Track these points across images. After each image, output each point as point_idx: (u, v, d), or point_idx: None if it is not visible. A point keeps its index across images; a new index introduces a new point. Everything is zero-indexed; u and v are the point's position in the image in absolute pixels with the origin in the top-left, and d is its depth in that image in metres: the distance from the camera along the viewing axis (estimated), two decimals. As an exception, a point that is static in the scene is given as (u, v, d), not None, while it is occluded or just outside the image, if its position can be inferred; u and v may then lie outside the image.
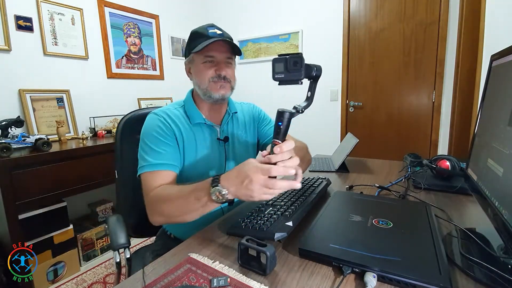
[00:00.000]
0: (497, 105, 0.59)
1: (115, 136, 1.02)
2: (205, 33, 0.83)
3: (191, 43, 0.86)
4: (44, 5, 1.86)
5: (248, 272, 0.52)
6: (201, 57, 0.85)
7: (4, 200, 1.38)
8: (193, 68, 0.89)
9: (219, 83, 0.85)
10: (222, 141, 0.92)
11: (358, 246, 0.54)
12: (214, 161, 0.91)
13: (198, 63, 0.86)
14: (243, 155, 0.97)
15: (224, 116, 0.95)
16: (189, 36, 0.88)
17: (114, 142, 1.04)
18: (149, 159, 0.78)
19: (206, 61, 0.85)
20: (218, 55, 0.84)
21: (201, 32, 0.84)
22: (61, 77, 1.98)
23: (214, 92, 0.85)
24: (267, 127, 1.03)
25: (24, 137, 1.56)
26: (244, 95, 3.02)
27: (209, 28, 0.85)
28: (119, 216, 0.90)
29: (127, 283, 0.51)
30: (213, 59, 0.85)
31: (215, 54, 0.84)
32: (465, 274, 0.49)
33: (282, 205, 0.73)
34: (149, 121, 0.85)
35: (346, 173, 1.19)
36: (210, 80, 0.85)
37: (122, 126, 1.00)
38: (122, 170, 1.00)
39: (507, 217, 0.46)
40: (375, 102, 2.46)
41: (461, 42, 1.75)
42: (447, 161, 0.96)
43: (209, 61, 0.85)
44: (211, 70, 0.85)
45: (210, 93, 0.85)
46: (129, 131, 1.00)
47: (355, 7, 2.42)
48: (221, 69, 0.85)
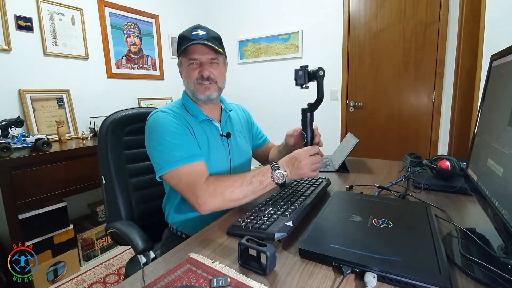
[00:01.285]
0: (497, 105, 0.59)
1: (99, 138, 0.98)
2: (189, 36, 0.86)
3: (178, 47, 0.90)
4: (44, 5, 1.86)
5: (248, 272, 0.52)
6: (186, 60, 0.88)
7: (4, 200, 1.38)
8: (182, 70, 0.93)
9: (203, 85, 0.88)
10: (225, 137, 0.95)
11: (358, 246, 0.54)
12: (222, 155, 0.93)
13: (184, 65, 0.90)
14: (244, 150, 1.01)
15: (222, 114, 0.99)
16: (177, 40, 0.91)
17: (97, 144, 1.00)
18: (180, 153, 0.78)
19: (191, 63, 0.88)
20: (201, 57, 0.87)
21: (186, 35, 0.87)
22: (61, 77, 1.98)
23: (199, 93, 0.89)
24: (255, 128, 1.15)
25: (24, 137, 1.56)
26: (243, 95, 3.02)
27: (193, 30, 0.87)
28: (119, 222, 0.89)
29: (127, 283, 0.51)
30: (197, 61, 0.87)
31: (197, 57, 0.87)
32: (465, 274, 0.49)
33: (282, 205, 0.73)
34: (160, 119, 0.84)
35: (346, 173, 1.19)
36: (195, 82, 0.88)
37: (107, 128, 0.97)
38: (111, 175, 0.96)
39: (507, 217, 0.46)
40: (375, 102, 2.46)
41: (461, 42, 1.75)
42: (447, 161, 0.96)
43: (194, 63, 0.87)
44: (195, 72, 0.88)
45: (196, 94, 0.89)
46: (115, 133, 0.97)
47: (355, 7, 2.42)
48: (203, 70, 0.87)
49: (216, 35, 0.91)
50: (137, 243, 0.78)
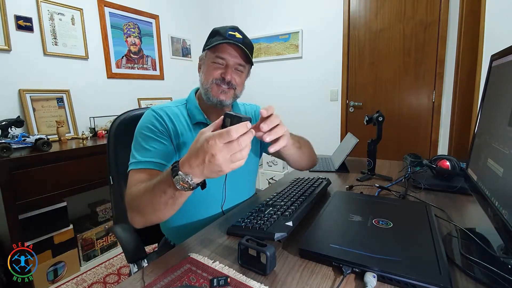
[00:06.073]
0: (497, 105, 0.59)
1: (108, 139, 0.96)
2: (224, 33, 0.80)
3: (208, 40, 0.84)
4: (44, 5, 1.86)
5: (248, 272, 0.52)
6: (212, 56, 0.82)
7: (4, 200, 1.38)
8: (203, 65, 0.86)
9: (221, 88, 0.82)
10: None
11: (358, 246, 0.54)
12: None
13: (208, 61, 0.83)
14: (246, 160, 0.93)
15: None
16: (210, 32, 0.85)
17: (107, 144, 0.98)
18: (137, 156, 0.75)
19: (216, 62, 0.82)
20: (229, 58, 0.81)
21: (220, 31, 0.81)
22: (61, 77, 1.98)
23: (213, 95, 0.82)
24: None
25: (24, 137, 1.56)
26: (243, 95, 3.01)
27: (229, 29, 0.81)
28: (122, 225, 0.86)
29: (127, 283, 0.51)
30: (223, 61, 0.82)
31: (226, 57, 0.81)
32: (465, 274, 0.49)
33: (282, 205, 0.73)
34: (144, 117, 0.82)
35: (346, 173, 1.19)
36: (213, 81, 0.82)
37: (116, 128, 0.95)
38: (118, 176, 0.95)
39: (507, 217, 0.46)
40: (375, 102, 2.45)
41: (461, 42, 1.75)
42: (447, 161, 0.96)
43: (219, 62, 0.82)
44: (217, 72, 0.82)
45: (209, 94, 0.83)
46: (124, 133, 0.94)
47: (355, 7, 2.42)
48: (227, 73, 0.81)
49: (250, 43, 0.85)
50: (129, 252, 0.78)
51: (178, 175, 0.53)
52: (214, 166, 0.50)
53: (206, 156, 0.50)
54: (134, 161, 0.74)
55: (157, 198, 0.58)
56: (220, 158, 0.49)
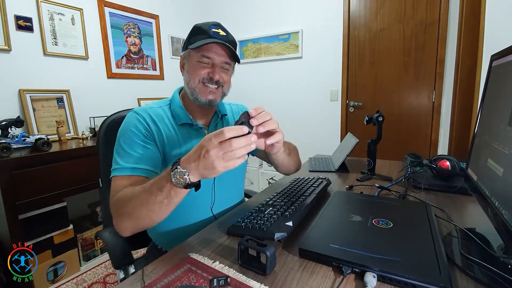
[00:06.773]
0: (497, 105, 0.59)
1: (97, 140, 0.93)
2: (208, 31, 0.78)
3: (191, 38, 0.81)
4: (44, 5, 1.86)
5: (248, 272, 0.52)
6: (198, 55, 0.79)
7: (4, 200, 1.38)
8: (187, 64, 0.83)
9: (208, 88, 0.80)
10: None
11: (358, 246, 0.54)
12: None
13: (193, 60, 0.81)
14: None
15: (213, 118, 0.90)
16: (191, 29, 0.82)
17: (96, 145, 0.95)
18: (121, 162, 0.71)
19: (202, 61, 0.79)
20: (216, 57, 0.79)
21: (204, 28, 0.79)
22: (61, 77, 1.98)
23: (201, 95, 0.80)
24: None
25: (24, 137, 1.56)
26: (243, 95, 3.02)
27: (213, 26, 0.79)
28: (110, 229, 0.83)
29: (127, 283, 0.51)
30: (209, 61, 0.80)
31: (212, 56, 0.79)
32: (465, 274, 0.49)
33: (282, 205, 0.73)
34: (126, 120, 0.79)
35: (346, 173, 1.19)
36: (200, 80, 0.79)
37: (105, 129, 0.92)
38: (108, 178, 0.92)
39: (507, 217, 0.46)
40: (375, 102, 2.45)
41: (461, 42, 1.75)
42: (447, 161, 0.96)
43: (205, 62, 0.79)
44: (204, 71, 0.79)
45: (197, 95, 0.80)
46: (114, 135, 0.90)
47: (355, 7, 2.42)
48: (215, 72, 0.79)
49: (234, 40, 0.84)
50: (114, 258, 0.77)
51: (177, 169, 0.54)
52: (208, 162, 0.51)
53: (202, 151, 0.52)
54: (117, 167, 0.72)
55: (153, 196, 0.58)
56: (213, 154, 0.51)
